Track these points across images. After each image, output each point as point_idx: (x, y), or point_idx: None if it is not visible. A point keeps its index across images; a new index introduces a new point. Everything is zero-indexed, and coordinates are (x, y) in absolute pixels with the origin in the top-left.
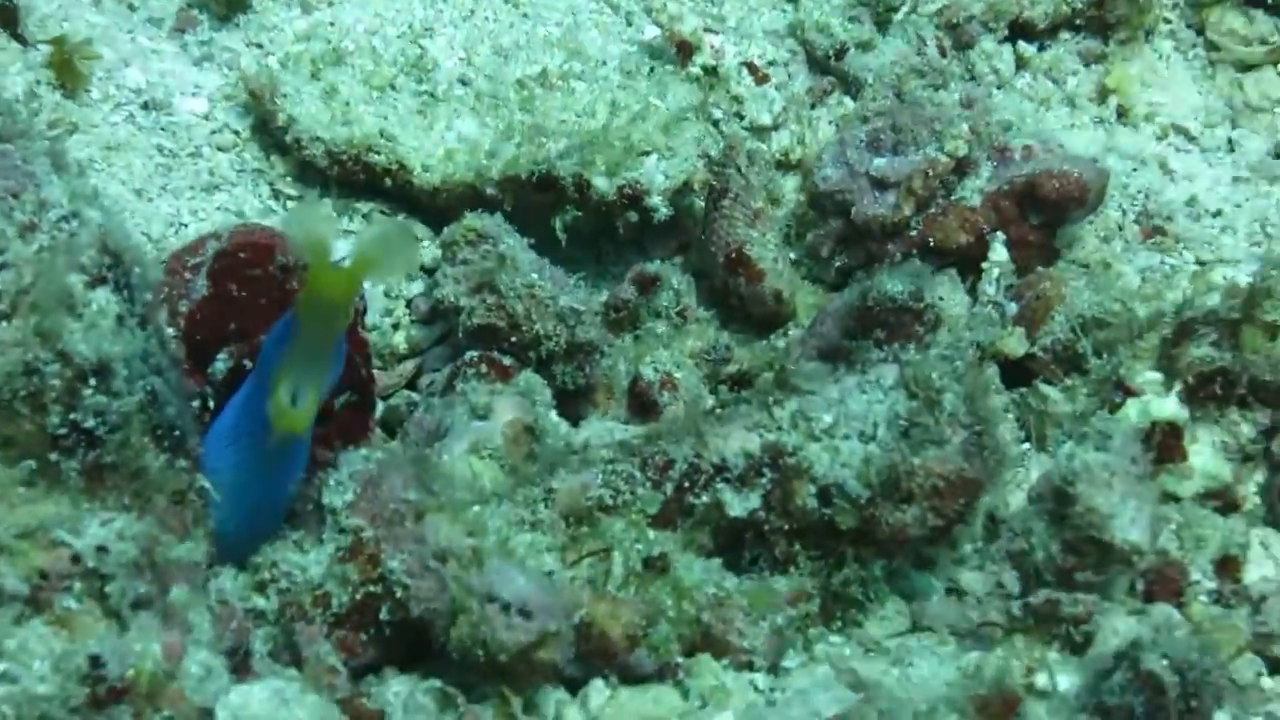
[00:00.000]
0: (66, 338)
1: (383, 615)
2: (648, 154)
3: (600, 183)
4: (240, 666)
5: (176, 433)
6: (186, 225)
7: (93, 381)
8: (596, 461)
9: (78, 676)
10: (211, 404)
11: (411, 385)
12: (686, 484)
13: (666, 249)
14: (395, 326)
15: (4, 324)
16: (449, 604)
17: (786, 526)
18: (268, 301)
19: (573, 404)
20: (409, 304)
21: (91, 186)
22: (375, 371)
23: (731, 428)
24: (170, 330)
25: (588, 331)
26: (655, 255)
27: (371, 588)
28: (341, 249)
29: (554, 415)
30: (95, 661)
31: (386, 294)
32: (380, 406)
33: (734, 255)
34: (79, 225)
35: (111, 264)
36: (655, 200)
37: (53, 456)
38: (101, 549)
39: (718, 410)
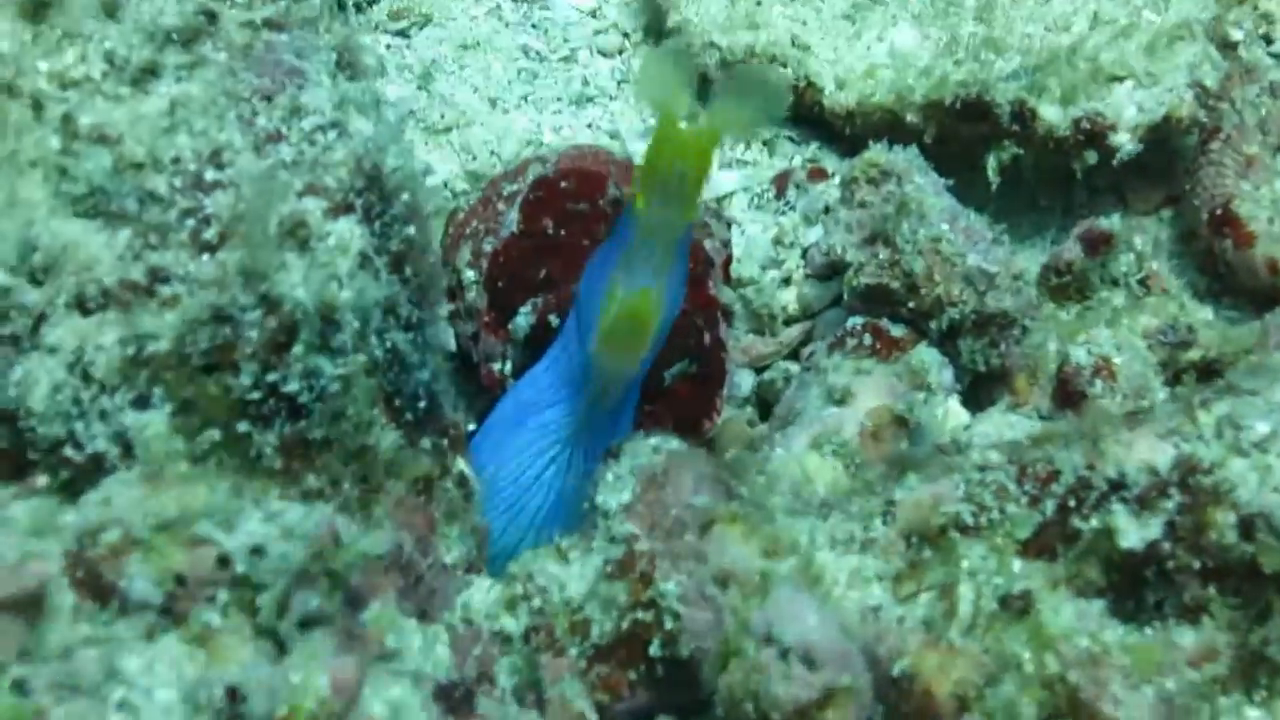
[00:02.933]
0: (277, 278)
1: (652, 650)
2: (1120, 80)
3: (1050, 113)
4: (458, 708)
5: (423, 404)
6: (544, 145)
7: (305, 335)
8: (963, 467)
9: (210, 712)
10: (509, 368)
11: (796, 355)
12: (1072, 502)
13: (1149, 201)
14: (786, 281)
15: (205, 257)
16: (721, 642)
17: (1197, 564)
18: (590, 244)
19: (985, 389)
20: (804, 253)
21: (372, 93)
22: (751, 337)
23: (1139, 433)
24: (470, 274)
25: (1001, 299)
26: (1135, 208)
27: (641, 614)
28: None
29: (953, 403)
30: (234, 695)
31: (777, 240)
32: (751, 380)
33: (1219, 212)
34: (337, 139)
35: (365, 188)
36: (1121, 137)
37: (242, 426)
38: (257, 550)
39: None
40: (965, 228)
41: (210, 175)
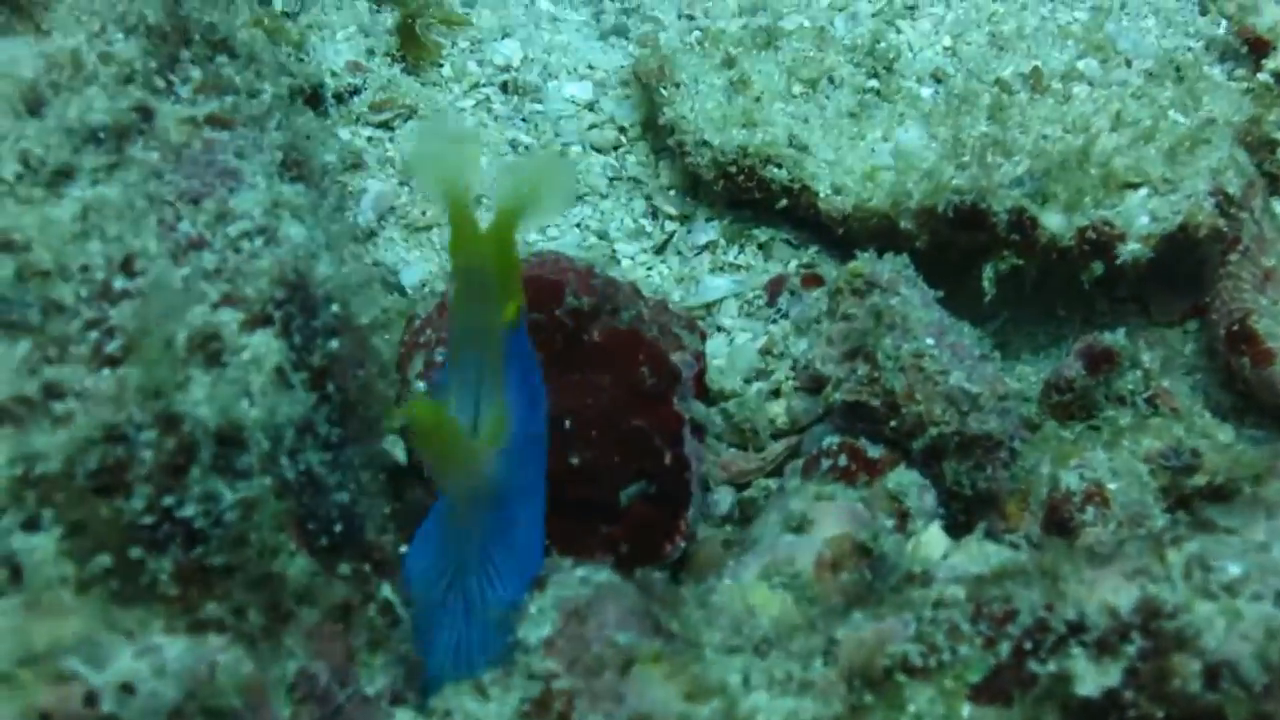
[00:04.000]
0: (177, 395)
1: None
2: (1134, 186)
3: (1052, 221)
4: None
5: (339, 528)
6: (530, 244)
7: (204, 456)
8: (915, 604)
9: None
10: None
11: (781, 471)
12: (1029, 645)
13: (1172, 311)
14: (775, 394)
15: (105, 372)
16: None
17: (1161, 715)
18: (545, 356)
19: (973, 515)
20: (794, 364)
21: (307, 198)
22: (733, 452)
23: (1104, 573)
24: (421, 385)
25: (985, 421)
26: (1158, 318)
27: None
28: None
29: (934, 529)
30: None
31: (766, 350)
32: (731, 497)
33: (1236, 328)
34: (264, 245)
35: (287, 299)
36: (1131, 248)
37: (134, 552)
38: (126, 688)
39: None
40: (952, 344)
41: (119, 284)
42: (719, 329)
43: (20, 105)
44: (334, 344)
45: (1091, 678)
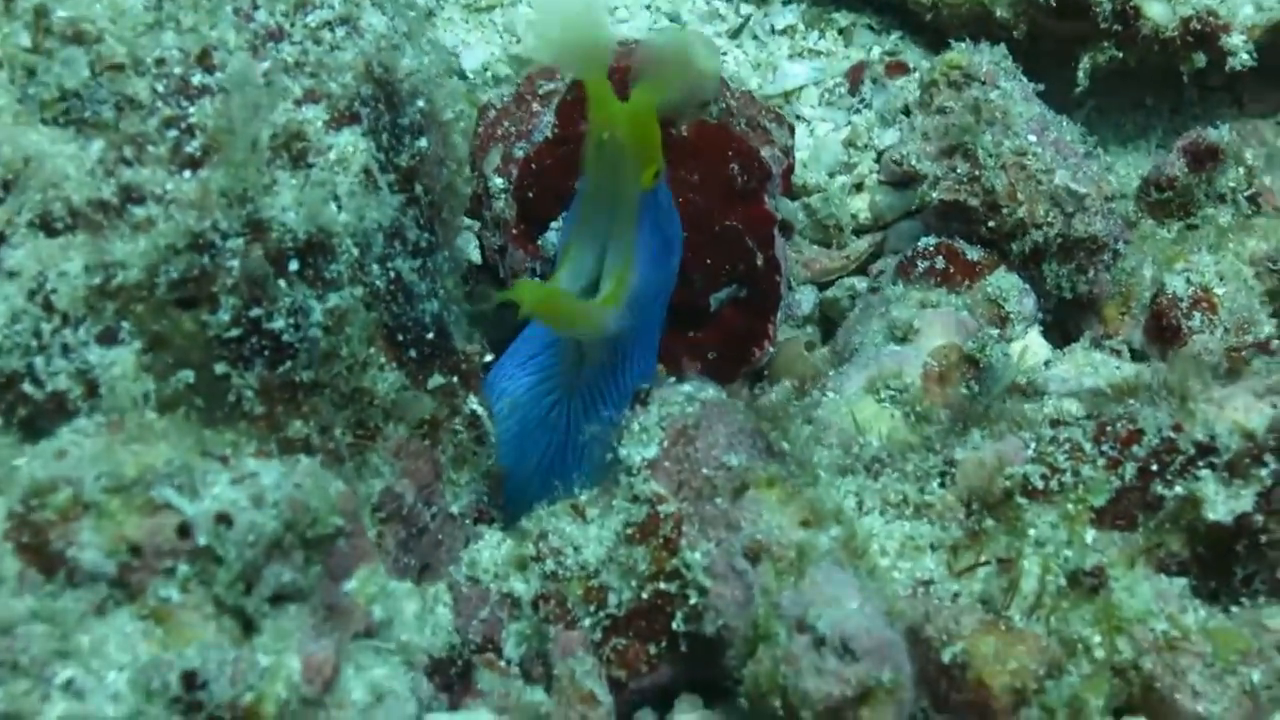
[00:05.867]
0: (264, 200)
1: (675, 624)
2: None
3: (1155, 10)
4: (455, 684)
5: (430, 337)
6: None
7: (294, 265)
8: (1034, 422)
9: (165, 699)
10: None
11: (865, 270)
12: (1155, 466)
13: (1267, 103)
14: (858, 187)
15: (186, 173)
16: (749, 624)
17: None
18: None
19: (1072, 319)
20: (879, 157)
21: None
22: (815, 249)
23: (1233, 390)
24: (499, 181)
25: (1091, 223)
26: (1251, 110)
27: (664, 584)
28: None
29: (1033, 335)
30: (191, 680)
31: (849, 142)
32: (813, 297)
33: None
34: (345, 37)
35: (373, 95)
36: (1235, 39)
37: (219, 368)
38: (223, 518)
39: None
40: (1055, 140)
41: (197, 79)
42: (799, 118)
43: None
44: (422, 142)
45: (1222, 502)
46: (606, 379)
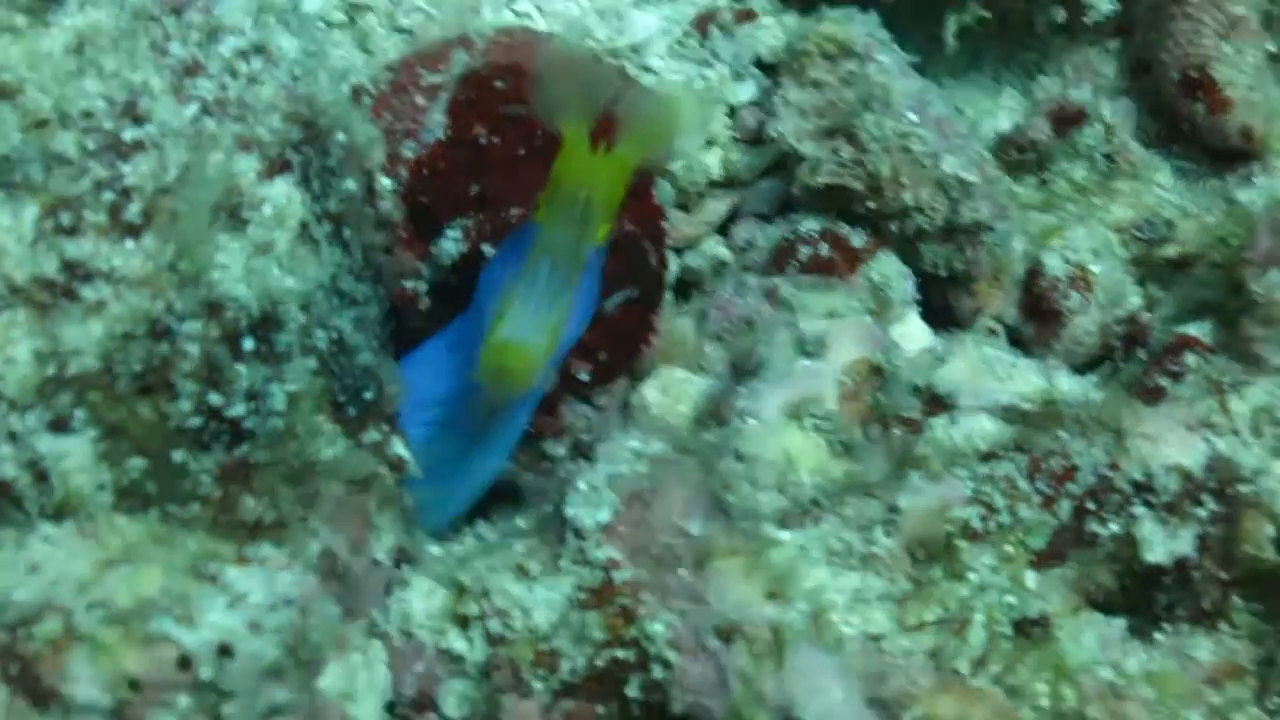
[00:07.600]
0: (213, 275)
1: (630, 692)
2: None
3: None
4: None
5: (368, 395)
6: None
7: (249, 344)
8: (965, 455)
9: None
10: (424, 297)
11: (724, 230)
12: (1091, 505)
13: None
14: (709, 144)
15: (129, 243)
16: (728, 709)
17: (1224, 576)
18: (526, 153)
19: (939, 293)
20: (732, 112)
21: None
22: (676, 216)
23: (1164, 424)
24: (386, 181)
25: (977, 210)
26: (1082, 37)
27: (620, 652)
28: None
29: (912, 318)
30: None
31: (706, 99)
32: (674, 265)
33: (1193, 74)
34: (263, 68)
35: (302, 139)
36: None
37: (177, 455)
38: (225, 650)
39: (1144, 386)
40: (936, 119)
41: (129, 134)
42: (646, 69)
43: None
44: (349, 184)
45: (1160, 544)
46: (499, 425)
